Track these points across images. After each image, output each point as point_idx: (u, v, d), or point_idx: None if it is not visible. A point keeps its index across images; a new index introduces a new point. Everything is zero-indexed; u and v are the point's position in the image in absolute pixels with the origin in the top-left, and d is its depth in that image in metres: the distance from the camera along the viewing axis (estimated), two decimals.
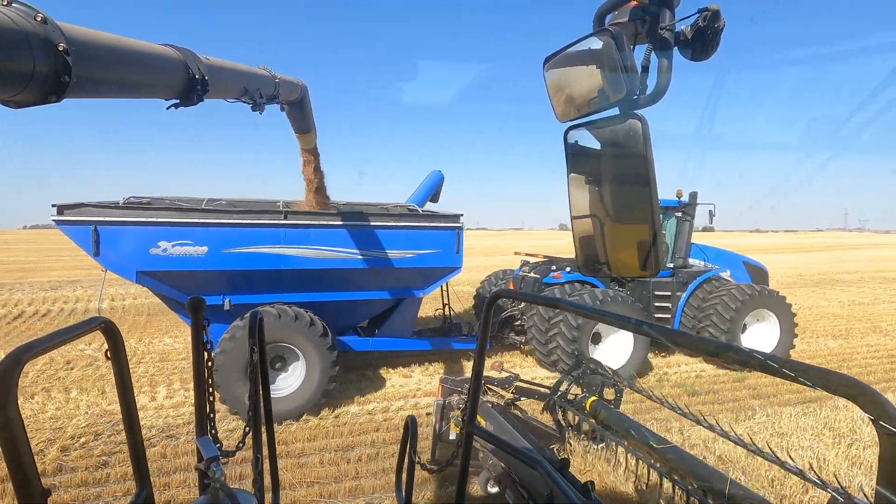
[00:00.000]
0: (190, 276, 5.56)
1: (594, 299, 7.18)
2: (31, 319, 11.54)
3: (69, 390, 6.64)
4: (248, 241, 5.73)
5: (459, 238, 6.59)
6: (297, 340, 5.77)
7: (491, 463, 3.75)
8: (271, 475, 2.00)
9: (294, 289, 6.14)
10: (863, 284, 18.64)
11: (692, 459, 3.62)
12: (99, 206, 5.25)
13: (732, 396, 6.79)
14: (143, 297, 13.51)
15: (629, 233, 1.47)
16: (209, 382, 1.68)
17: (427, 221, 6.60)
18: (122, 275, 5.43)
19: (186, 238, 5.46)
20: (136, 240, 5.32)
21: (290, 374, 5.92)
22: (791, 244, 50.85)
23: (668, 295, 8.34)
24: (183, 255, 5.46)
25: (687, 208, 8.49)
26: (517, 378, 4.98)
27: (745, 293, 7.85)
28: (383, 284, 6.58)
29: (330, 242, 6.06)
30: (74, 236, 5.16)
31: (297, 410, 5.76)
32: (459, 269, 6.78)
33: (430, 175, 8.62)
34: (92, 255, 5.20)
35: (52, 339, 1.03)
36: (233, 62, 3.72)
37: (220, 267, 5.64)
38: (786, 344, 8.05)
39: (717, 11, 1.16)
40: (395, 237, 6.30)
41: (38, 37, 1.73)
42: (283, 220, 5.88)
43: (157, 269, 5.42)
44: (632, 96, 1.29)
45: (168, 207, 5.68)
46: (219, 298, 5.82)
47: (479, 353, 1.81)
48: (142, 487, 1.39)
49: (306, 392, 5.79)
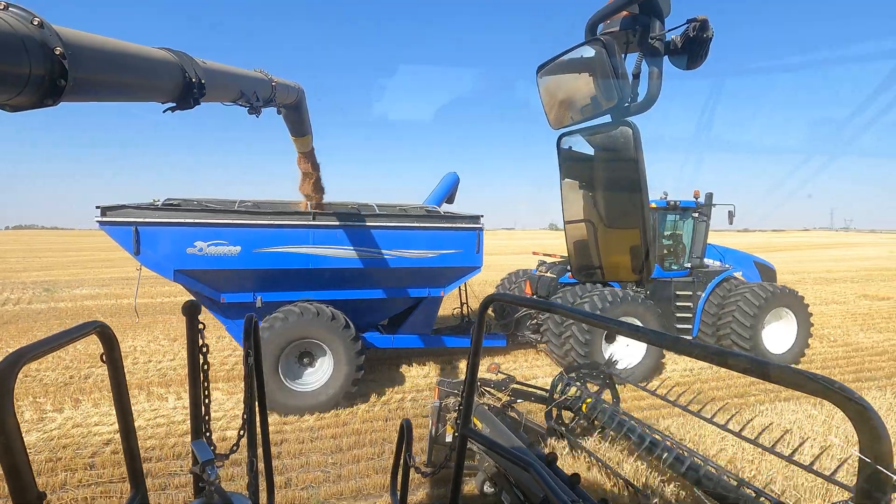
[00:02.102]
0: (224, 274, 5.78)
1: (603, 301, 7.22)
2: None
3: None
4: (278, 241, 5.94)
5: (480, 239, 6.79)
6: (326, 337, 5.99)
7: (487, 464, 3.76)
8: (266, 477, 2.00)
9: (321, 287, 6.35)
10: (804, 284, 18.22)
11: (687, 459, 3.64)
12: (139, 208, 5.45)
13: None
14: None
15: (622, 237, 1.49)
16: (204, 385, 1.68)
17: (449, 223, 6.77)
18: (161, 273, 5.60)
19: (221, 238, 5.68)
20: (174, 240, 5.52)
21: (317, 370, 6.18)
22: (768, 244, 50.86)
23: (689, 294, 8.45)
24: (218, 255, 5.67)
25: (703, 209, 8.63)
26: (513, 380, 5.00)
27: (768, 291, 7.99)
28: (406, 283, 6.76)
29: (356, 243, 6.25)
30: (116, 236, 5.36)
31: (324, 404, 6.01)
32: (479, 268, 6.96)
33: (446, 177, 8.82)
34: (133, 254, 5.40)
35: (48, 343, 1.04)
36: (229, 65, 3.72)
37: (252, 266, 5.85)
38: (802, 341, 8.21)
39: (706, 21, 1.18)
40: (418, 238, 6.51)
41: (35, 41, 1.73)
42: (311, 221, 6.07)
43: (193, 267, 5.63)
44: (623, 104, 1.31)
45: (204, 209, 5.91)
46: (250, 296, 6.06)
47: (473, 356, 1.82)
48: (136, 491, 1.39)
49: (333, 387, 6.02)
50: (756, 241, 57.61)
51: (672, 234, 8.70)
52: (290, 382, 5.99)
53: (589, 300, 7.33)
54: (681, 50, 1.25)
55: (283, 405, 5.87)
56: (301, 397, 5.96)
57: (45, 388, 6.91)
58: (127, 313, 12.22)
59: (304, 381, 6.10)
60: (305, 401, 5.95)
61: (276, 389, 5.77)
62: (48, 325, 11.02)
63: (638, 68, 1.30)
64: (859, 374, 7.79)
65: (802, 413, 5.92)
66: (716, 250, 9.53)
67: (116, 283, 18.15)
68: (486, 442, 1.89)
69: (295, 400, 5.92)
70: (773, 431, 5.11)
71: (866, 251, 40.56)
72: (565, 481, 1.93)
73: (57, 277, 19.93)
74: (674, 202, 8.40)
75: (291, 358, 6.08)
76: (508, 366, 8.00)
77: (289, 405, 5.90)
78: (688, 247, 8.69)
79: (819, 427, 5.48)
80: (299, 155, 6.64)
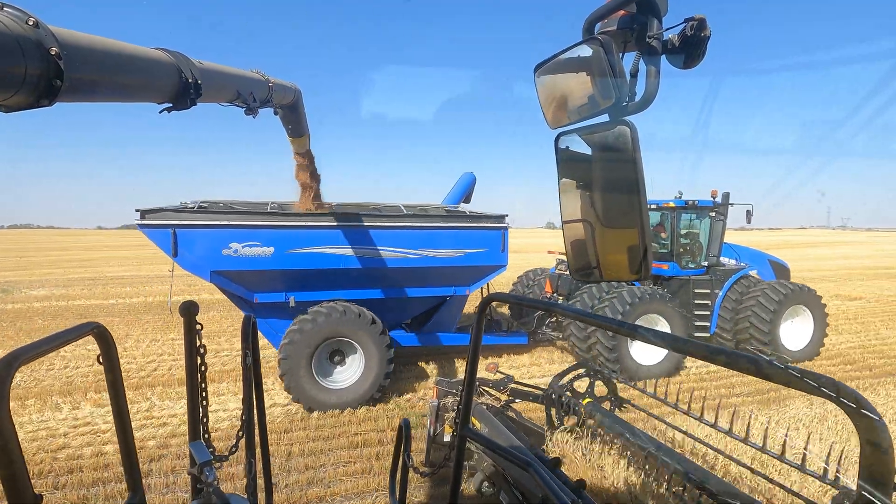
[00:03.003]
0: (258, 275, 5.90)
1: (633, 296, 7.36)
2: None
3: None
4: (310, 241, 6.04)
5: (505, 238, 6.92)
6: (358, 336, 6.13)
7: (485, 464, 3.76)
8: (265, 479, 2.00)
9: (350, 286, 6.46)
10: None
11: (682, 458, 3.65)
12: (176, 211, 5.54)
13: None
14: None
15: (620, 237, 1.49)
16: (202, 387, 1.67)
17: (475, 222, 6.88)
18: (198, 274, 5.69)
19: (255, 240, 5.80)
20: (210, 242, 5.64)
21: (347, 368, 6.36)
22: (758, 243, 50.94)
23: (707, 293, 8.54)
24: (252, 256, 5.80)
25: (720, 208, 8.75)
26: (512, 380, 5.00)
27: (787, 289, 8.09)
28: (433, 282, 6.86)
29: (386, 243, 6.36)
30: (155, 239, 5.45)
31: (354, 402, 6.17)
32: (505, 267, 7.07)
33: (463, 177, 8.97)
34: (171, 256, 5.48)
35: (44, 344, 1.03)
36: (226, 66, 3.71)
37: (285, 266, 5.96)
38: (818, 338, 8.29)
39: (703, 20, 1.18)
40: (445, 237, 6.63)
41: (30, 41, 1.72)
42: (342, 223, 6.17)
43: (229, 268, 5.75)
44: (621, 103, 1.31)
45: (238, 211, 6.02)
46: (282, 296, 6.19)
47: (472, 356, 1.81)
48: (134, 493, 1.38)
49: (364, 384, 6.19)
50: (751, 238, 57.68)
51: (689, 232, 8.84)
52: (323, 380, 6.14)
53: (618, 295, 7.46)
54: (678, 49, 1.25)
55: (317, 401, 6.03)
56: (334, 394, 6.11)
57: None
58: (73, 315, 12.29)
59: (333, 378, 6.29)
60: (341, 397, 6.12)
61: (309, 386, 5.95)
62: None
63: (635, 67, 1.30)
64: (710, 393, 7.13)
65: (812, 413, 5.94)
66: (731, 249, 9.66)
67: (79, 284, 18.09)
68: (486, 442, 1.89)
69: (328, 396, 6.08)
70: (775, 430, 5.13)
71: (854, 250, 40.59)
72: (570, 487, 1.92)
73: (23, 278, 19.95)
74: (692, 202, 8.55)
75: (323, 356, 6.21)
76: (544, 364, 7.97)
77: (322, 401, 6.05)
78: (705, 245, 8.82)
79: (819, 426, 5.50)
80: (295, 156, 6.62)
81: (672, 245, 8.70)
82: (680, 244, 8.74)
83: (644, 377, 6.92)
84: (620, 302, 7.32)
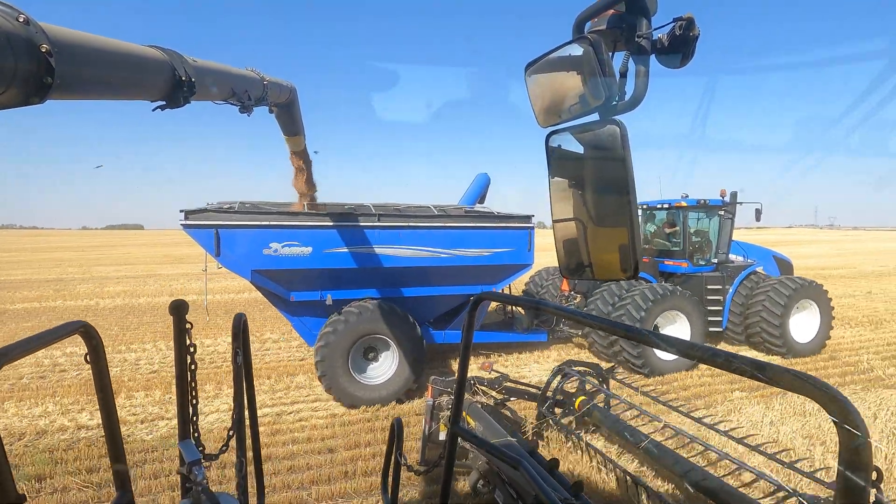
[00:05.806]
0: (296, 274, 6.00)
1: (654, 293, 7.48)
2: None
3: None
4: (346, 241, 6.15)
5: (531, 237, 7.03)
6: (391, 332, 6.31)
7: (480, 463, 3.77)
8: (256, 478, 1.99)
9: (383, 285, 6.56)
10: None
11: (677, 457, 3.66)
12: (218, 211, 5.63)
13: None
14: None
15: (610, 236, 1.49)
16: (192, 385, 1.67)
17: (503, 222, 6.99)
18: (239, 273, 5.79)
19: (294, 239, 5.91)
20: (251, 241, 5.74)
21: (380, 364, 6.53)
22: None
23: (719, 288, 8.75)
24: (291, 255, 5.90)
25: (728, 207, 8.96)
26: (506, 378, 5.01)
27: (796, 283, 8.30)
28: (462, 281, 6.95)
29: (419, 242, 6.48)
30: (199, 239, 5.53)
31: (388, 398, 6.33)
32: (531, 265, 7.19)
33: (478, 178, 9.16)
34: (214, 255, 5.57)
35: (29, 343, 1.02)
36: (220, 64, 3.70)
37: (322, 265, 6.08)
38: (825, 332, 8.48)
39: (692, 20, 1.18)
40: (475, 237, 6.77)
41: (20, 38, 1.71)
42: (377, 223, 6.26)
43: (269, 268, 5.85)
44: (611, 102, 1.31)
45: (278, 211, 6.15)
46: (317, 294, 6.29)
47: (463, 354, 1.81)
48: (122, 492, 1.38)
49: (398, 381, 6.36)
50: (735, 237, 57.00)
51: (699, 230, 9.12)
52: (359, 377, 6.27)
53: (639, 292, 7.55)
54: (667, 48, 1.25)
55: (357, 398, 6.16)
56: (372, 390, 6.24)
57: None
58: (11, 318, 12.06)
59: (367, 374, 6.43)
60: (378, 392, 6.26)
61: (348, 384, 6.12)
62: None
63: (625, 67, 1.30)
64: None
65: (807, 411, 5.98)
66: (738, 246, 9.89)
67: (46, 286, 17.85)
68: (477, 440, 1.89)
69: (365, 393, 6.20)
70: (761, 429, 5.16)
71: (819, 248, 39.91)
72: (567, 488, 1.92)
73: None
74: (703, 200, 8.79)
75: (358, 354, 6.32)
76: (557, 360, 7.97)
77: (361, 398, 6.18)
78: (714, 243, 9.05)
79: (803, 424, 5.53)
80: (292, 157, 6.68)
81: (684, 243, 8.89)
82: (691, 242, 8.91)
83: (671, 371, 7.17)
84: (643, 298, 7.43)
